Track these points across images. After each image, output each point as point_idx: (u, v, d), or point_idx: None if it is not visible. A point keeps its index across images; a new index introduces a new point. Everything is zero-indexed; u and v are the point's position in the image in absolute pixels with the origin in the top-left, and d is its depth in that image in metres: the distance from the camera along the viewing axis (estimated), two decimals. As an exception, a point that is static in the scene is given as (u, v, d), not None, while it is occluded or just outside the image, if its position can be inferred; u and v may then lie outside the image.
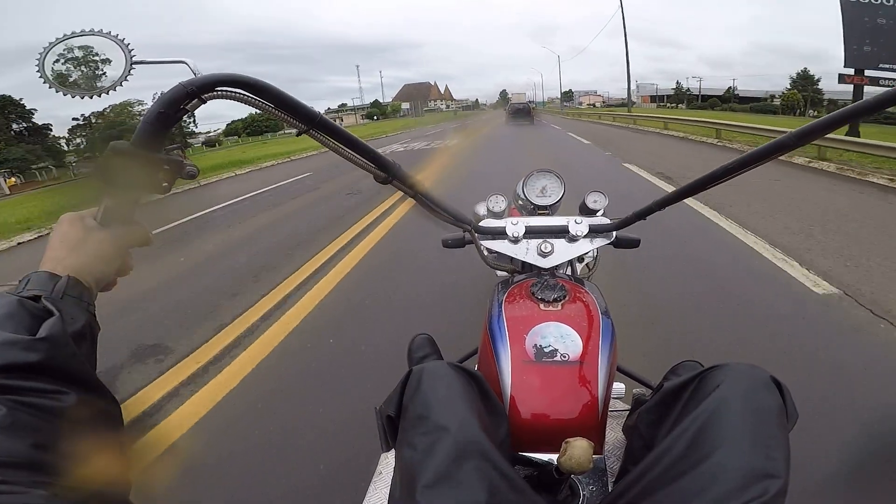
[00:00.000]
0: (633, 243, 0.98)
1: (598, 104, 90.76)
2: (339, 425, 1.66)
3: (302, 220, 5.24)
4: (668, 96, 70.36)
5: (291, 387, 1.95)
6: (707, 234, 3.60)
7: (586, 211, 1.00)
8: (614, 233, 0.94)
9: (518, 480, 0.53)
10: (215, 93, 0.44)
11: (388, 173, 0.62)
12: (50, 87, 0.50)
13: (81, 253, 0.43)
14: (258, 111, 0.48)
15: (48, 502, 0.29)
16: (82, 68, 0.52)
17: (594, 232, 0.93)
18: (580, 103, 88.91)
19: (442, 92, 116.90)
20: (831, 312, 2.25)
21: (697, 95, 63.16)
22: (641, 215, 0.85)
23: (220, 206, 6.84)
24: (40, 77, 0.50)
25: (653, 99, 75.83)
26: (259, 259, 3.80)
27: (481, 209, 1.09)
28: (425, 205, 0.77)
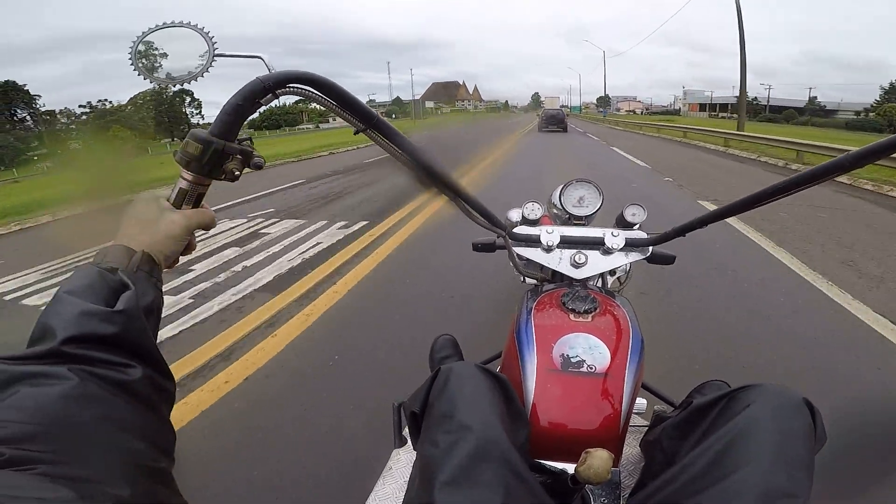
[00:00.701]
0: (668, 260, 0.97)
1: (637, 111, 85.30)
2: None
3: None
4: (722, 105, 63.21)
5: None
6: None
7: (623, 224, 0.99)
8: (650, 248, 0.93)
9: (535, 485, 0.53)
10: (287, 88, 0.46)
11: (434, 178, 0.64)
12: (139, 75, 0.53)
13: (154, 231, 0.45)
14: (319, 104, 0.50)
15: (102, 475, 0.30)
16: (168, 58, 0.56)
17: (630, 246, 0.92)
18: (618, 109, 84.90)
19: (470, 91, 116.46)
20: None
21: (765, 105, 54.51)
22: (681, 232, 0.83)
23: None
24: (132, 66, 0.53)
25: (702, 107, 71.11)
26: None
27: (514, 215, 1.09)
28: (465, 208, 0.78)
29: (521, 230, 0.97)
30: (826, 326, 2.28)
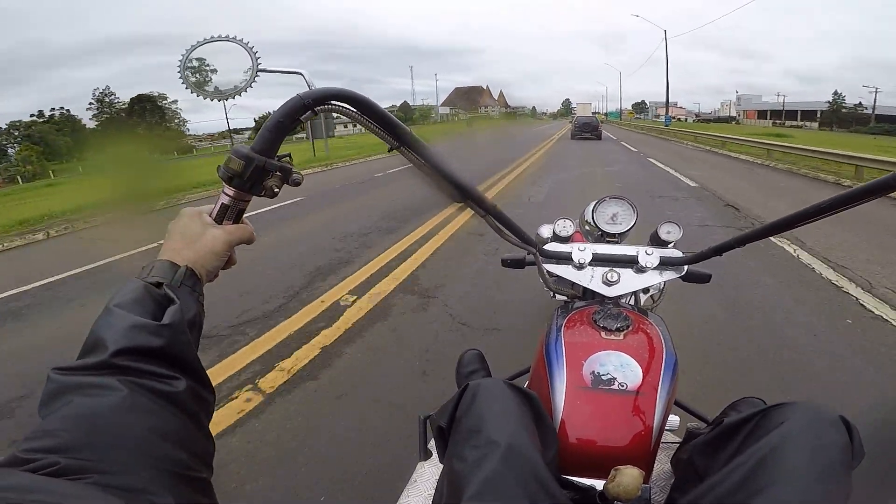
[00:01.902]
0: (704, 278, 0.94)
1: (681, 118, 77.62)
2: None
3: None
4: (789, 112, 56.62)
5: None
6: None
7: (658, 241, 0.97)
8: (685, 267, 0.91)
9: (564, 500, 0.53)
10: (326, 106, 0.46)
11: (464, 194, 0.64)
12: (187, 89, 0.55)
13: (198, 246, 0.46)
14: (355, 122, 0.50)
15: (148, 484, 0.31)
16: (215, 73, 0.57)
17: (665, 264, 0.90)
18: (657, 116, 76.49)
19: (496, 97, 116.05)
20: None
21: (870, 114, 40.93)
22: (719, 251, 0.81)
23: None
24: (181, 81, 0.55)
25: (761, 115, 62.24)
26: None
27: (545, 232, 1.08)
28: (494, 225, 0.78)
29: (552, 247, 0.97)
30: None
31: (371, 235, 4.59)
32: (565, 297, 1.05)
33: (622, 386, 0.68)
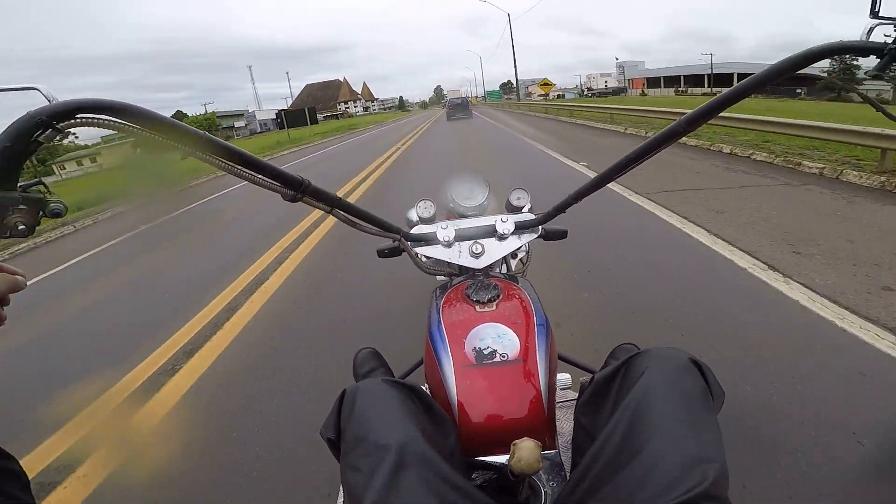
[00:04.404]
0: (561, 234, 1.02)
1: (559, 94, 70.25)
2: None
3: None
4: (692, 76, 50.13)
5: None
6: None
7: (512, 209, 1.02)
8: (540, 227, 0.97)
9: (470, 488, 0.52)
10: (76, 120, 0.39)
11: (296, 191, 0.60)
12: None
13: None
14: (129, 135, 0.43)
15: None
16: None
17: (520, 228, 0.96)
18: (528, 94, 71.21)
19: (359, 91, 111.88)
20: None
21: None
22: (561, 209, 0.89)
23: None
24: None
25: (650, 83, 56.84)
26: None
27: (414, 216, 1.08)
28: (346, 219, 0.75)
29: (418, 230, 0.97)
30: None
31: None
32: (445, 277, 1.06)
33: (503, 357, 0.69)
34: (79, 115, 0.39)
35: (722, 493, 0.46)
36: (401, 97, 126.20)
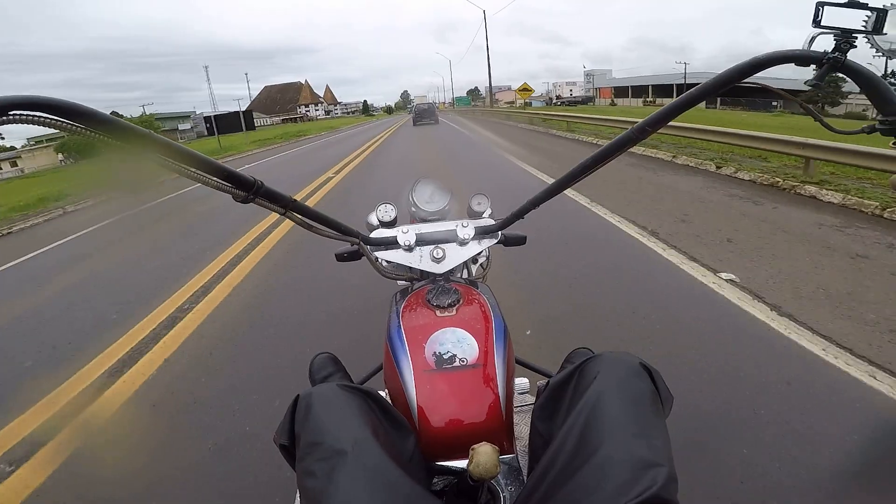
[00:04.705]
0: (520, 240, 1.04)
1: (519, 103, 69.09)
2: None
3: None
4: (660, 86, 47.99)
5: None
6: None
7: (473, 214, 1.03)
8: (500, 232, 0.98)
9: (424, 494, 0.52)
10: (8, 117, 0.37)
11: (248, 192, 0.59)
12: None
13: None
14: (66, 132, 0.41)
15: None
16: None
17: (481, 233, 0.97)
18: (497, 101, 70.43)
19: (321, 94, 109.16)
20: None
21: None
22: (520, 214, 0.91)
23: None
24: None
25: (619, 92, 54.50)
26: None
27: (374, 219, 1.07)
28: (301, 222, 0.73)
29: (378, 234, 0.96)
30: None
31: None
32: (406, 282, 1.05)
33: (462, 361, 0.70)
34: (12, 113, 0.37)
35: (671, 497, 0.47)
36: (365, 101, 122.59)
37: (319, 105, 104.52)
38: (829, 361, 1.87)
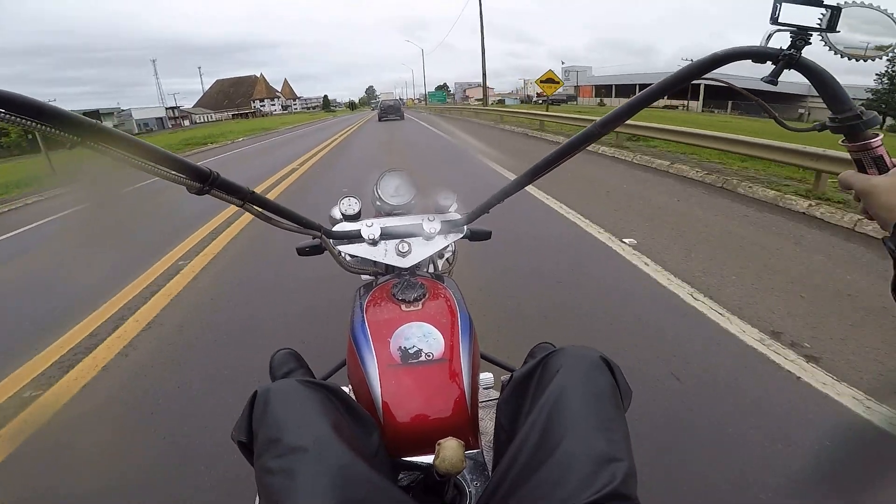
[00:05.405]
0: (486, 235, 1.05)
1: (492, 101, 51.26)
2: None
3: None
4: (643, 86, 34.62)
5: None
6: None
7: (439, 208, 1.03)
8: (466, 227, 0.99)
9: (391, 488, 0.52)
10: None
11: (204, 183, 0.56)
12: None
13: None
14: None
15: None
16: None
17: (447, 228, 0.96)
18: (465, 98, 72.62)
19: (278, 88, 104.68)
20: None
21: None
22: (485, 209, 0.92)
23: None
24: None
25: (599, 91, 51.10)
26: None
27: (337, 213, 1.04)
28: (260, 214, 0.70)
29: (341, 227, 0.94)
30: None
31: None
32: (369, 276, 1.03)
33: (428, 356, 0.69)
34: None
35: (631, 492, 0.48)
36: (325, 97, 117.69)
37: (276, 100, 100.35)
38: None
